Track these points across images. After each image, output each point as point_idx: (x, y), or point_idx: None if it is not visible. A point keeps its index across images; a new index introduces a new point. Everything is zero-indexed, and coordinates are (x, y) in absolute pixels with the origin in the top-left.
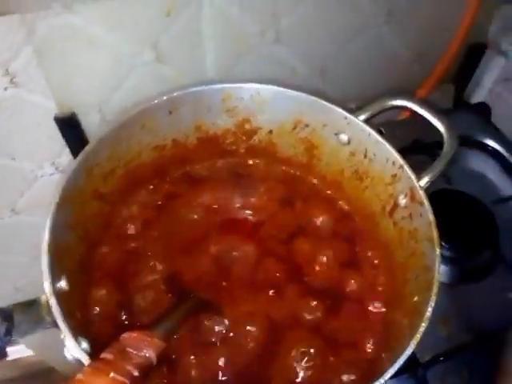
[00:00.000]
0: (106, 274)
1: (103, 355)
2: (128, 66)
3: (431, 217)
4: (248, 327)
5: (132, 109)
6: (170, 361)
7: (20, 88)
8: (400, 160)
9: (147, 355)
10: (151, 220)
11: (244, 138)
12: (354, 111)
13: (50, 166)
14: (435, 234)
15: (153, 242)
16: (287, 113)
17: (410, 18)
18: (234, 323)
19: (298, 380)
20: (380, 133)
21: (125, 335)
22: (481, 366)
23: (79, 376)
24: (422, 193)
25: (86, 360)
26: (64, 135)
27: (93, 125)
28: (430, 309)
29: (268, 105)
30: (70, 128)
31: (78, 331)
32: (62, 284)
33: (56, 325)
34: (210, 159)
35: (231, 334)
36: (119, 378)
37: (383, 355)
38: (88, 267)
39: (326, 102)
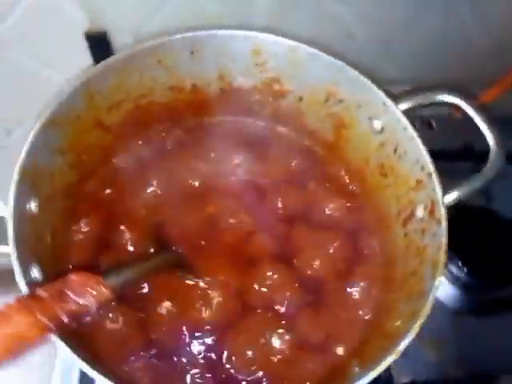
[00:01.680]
0: (94, 207)
1: (38, 291)
2: None
3: (444, 240)
4: (217, 298)
5: (149, 40)
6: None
7: None
8: (430, 166)
9: (86, 303)
10: (155, 163)
11: (271, 99)
12: (396, 98)
13: None
14: (442, 260)
15: (150, 187)
16: (322, 81)
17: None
18: (205, 289)
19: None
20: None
21: (72, 276)
22: None
23: (2, 307)
24: (442, 210)
25: (23, 288)
26: (93, 53)
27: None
28: (404, 342)
29: (303, 67)
30: (99, 46)
31: (39, 257)
32: (32, 207)
33: None
34: (230, 114)
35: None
36: (44, 320)
37: (354, 363)
38: (75, 196)
39: (367, 80)
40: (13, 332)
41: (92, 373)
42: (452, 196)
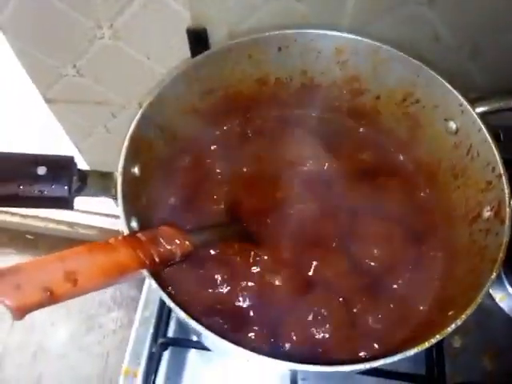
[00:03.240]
0: (181, 179)
1: (138, 234)
2: None
3: (505, 239)
4: (279, 275)
5: (243, 37)
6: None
7: None
8: (501, 168)
9: (173, 251)
10: (236, 147)
11: (349, 96)
12: (472, 101)
13: None
14: (501, 256)
15: (230, 167)
16: (401, 81)
17: None
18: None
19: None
20: (497, 137)
21: (164, 227)
22: None
23: (111, 240)
24: (508, 211)
25: (126, 232)
26: (191, 47)
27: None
28: (452, 326)
29: (383, 67)
30: (198, 42)
31: (137, 212)
32: (135, 170)
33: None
34: (308, 108)
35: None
36: (141, 255)
37: None
38: (167, 169)
39: (444, 81)
40: (118, 260)
41: (172, 304)
42: None
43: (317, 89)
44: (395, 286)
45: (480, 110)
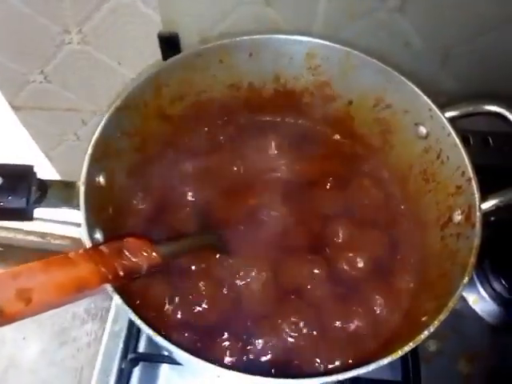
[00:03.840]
0: (150, 188)
1: (101, 247)
2: (236, 0)
3: (476, 242)
4: (252, 283)
5: (213, 41)
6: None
7: None
8: (471, 172)
9: (139, 263)
10: (208, 154)
11: (321, 102)
12: (442, 106)
13: None
14: (472, 261)
15: (201, 175)
16: (371, 86)
17: None
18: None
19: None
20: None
21: (130, 239)
22: None
23: (71, 254)
24: (478, 214)
25: (88, 244)
26: (163, 53)
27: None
28: (425, 333)
29: (354, 73)
30: (169, 47)
31: (102, 223)
32: (100, 179)
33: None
34: (281, 114)
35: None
36: (103, 270)
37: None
38: (137, 177)
39: (414, 87)
40: (77, 275)
41: (138, 321)
42: (490, 203)
43: (289, 95)
44: (369, 294)
45: (449, 114)
